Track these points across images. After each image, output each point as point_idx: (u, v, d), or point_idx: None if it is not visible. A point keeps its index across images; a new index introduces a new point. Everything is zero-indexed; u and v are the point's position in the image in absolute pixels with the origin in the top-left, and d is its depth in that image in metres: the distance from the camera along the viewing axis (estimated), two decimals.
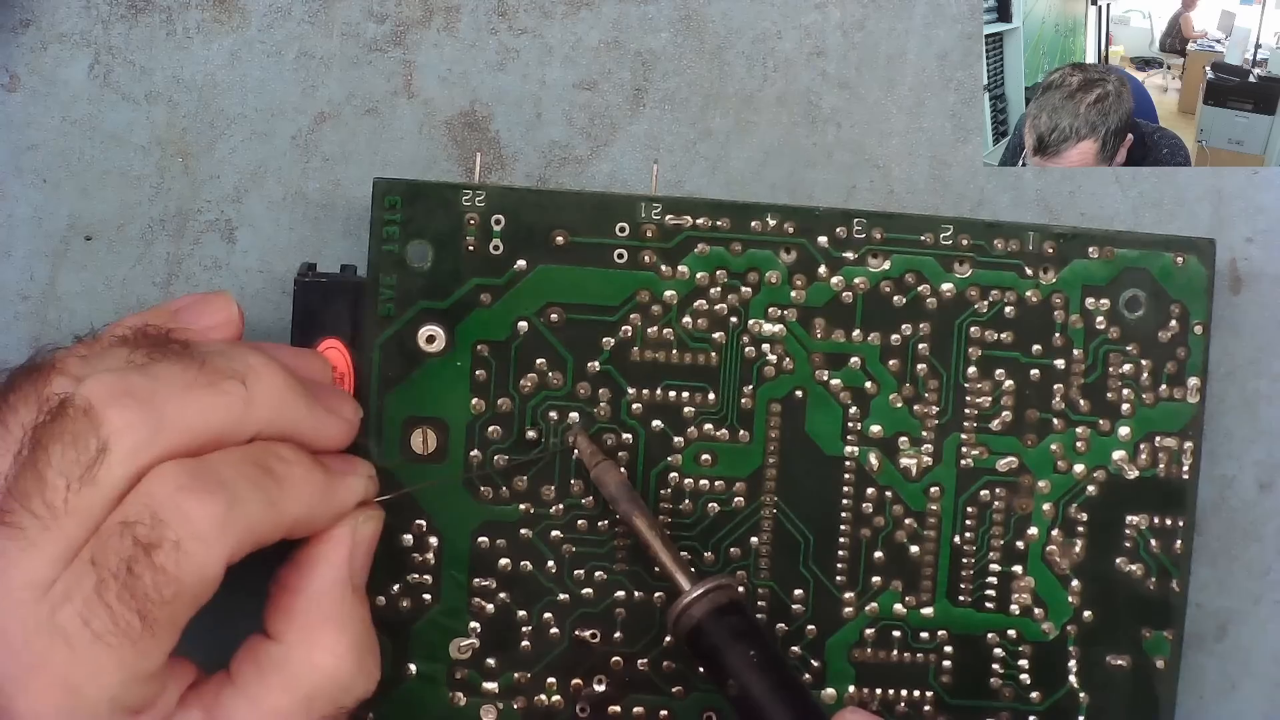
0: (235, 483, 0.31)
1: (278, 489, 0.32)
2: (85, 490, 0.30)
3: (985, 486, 0.37)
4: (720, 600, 0.34)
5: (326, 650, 0.33)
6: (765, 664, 0.34)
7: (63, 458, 0.30)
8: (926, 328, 0.37)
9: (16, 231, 0.39)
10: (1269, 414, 0.40)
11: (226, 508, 0.31)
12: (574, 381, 0.37)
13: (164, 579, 0.30)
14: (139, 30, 0.38)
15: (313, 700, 0.33)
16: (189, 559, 0.30)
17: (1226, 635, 0.40)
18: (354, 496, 0.34)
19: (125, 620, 0.30)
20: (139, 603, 0.30)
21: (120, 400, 0.31)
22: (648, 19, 0.39)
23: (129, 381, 0.31)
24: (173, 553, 0.30)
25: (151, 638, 0.30)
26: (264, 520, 0.32)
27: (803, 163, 0.39)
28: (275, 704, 0.32)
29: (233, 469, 0.32)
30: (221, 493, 0.31)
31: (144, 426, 0.31)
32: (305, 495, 0.33)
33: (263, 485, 0.32)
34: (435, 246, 0.36)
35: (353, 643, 0.33)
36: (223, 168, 0.39)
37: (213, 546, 0.31)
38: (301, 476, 0.33)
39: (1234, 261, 0.39)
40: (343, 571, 0.34)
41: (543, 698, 0.37)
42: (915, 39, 0.39)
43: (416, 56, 0.39)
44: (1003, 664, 0.38)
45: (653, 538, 0.35)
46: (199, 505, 0.30)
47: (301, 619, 0.33)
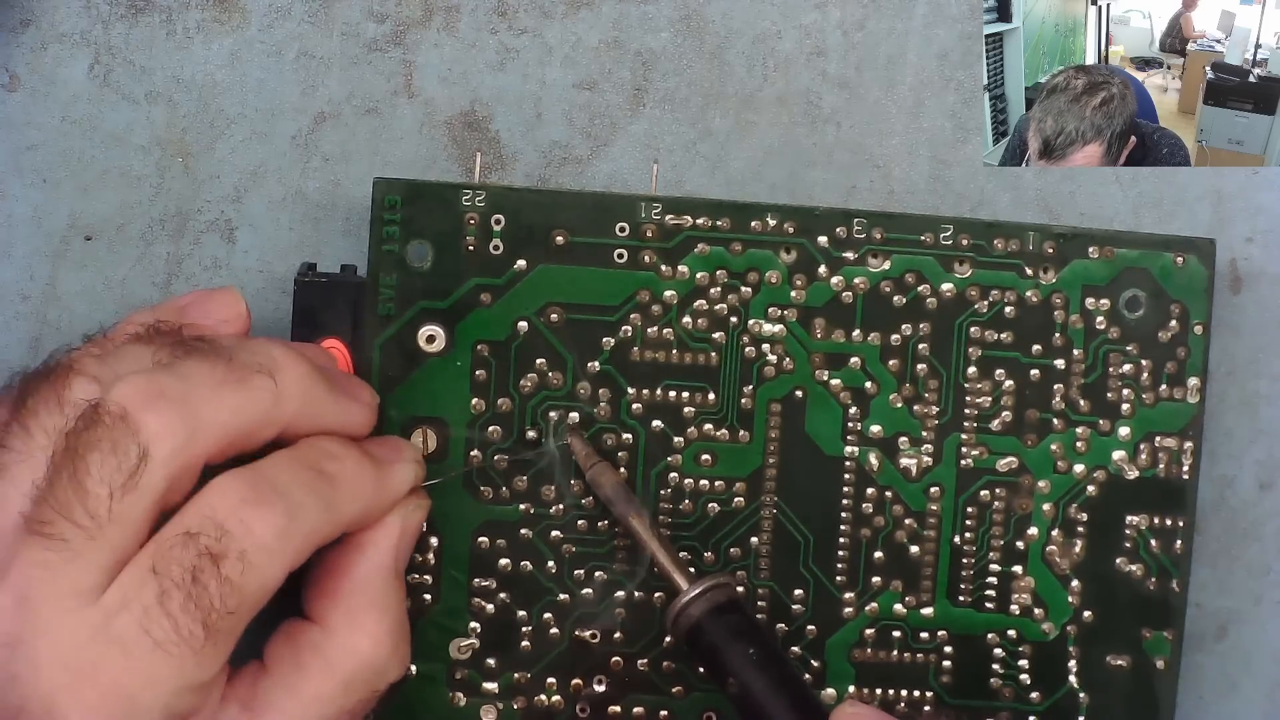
0: (293, 490, 0.31)
1: (333, 491, 0.32)
2: (128, 498, 0.30)
3: (985, 486, 0.37)
4: (719, 599, 0.34)
5: (368, 634, 0.33)
6: (764, 661, 0.34)
7: (103, 466, 0.30)
8: (926, 328, 0.37)
9: (16, 231, 0.39)
10: (1269, 414, 0.40)
11: (288, 519, 0.31)
12: (574, 381, 0.37)
13: (229, 589, 0.30)
14: (139, 30, 0.38)
15: (351, 684, 0.33)
16: (254, 570, 0.31)
17: (1226, 635, 0.40)
18: (405, 485, 0.35)
19: (189, 630, 0.30)
20: (204, 613, 0.30)
21: (155, 404, 0.31)
22: (648, 19, 0.39)
23: (161, 383, 0.31)
24: (238, 564, 0.30)
25: (213, 647, 0.30)
26: (323, 525, 0.32)
27: (803, 163, 0.39)
28: (314, 690, 0.33)
29: (289, 475, 0.32)
30: (281, 503, 0.31)
31: (182, 429, 0.31)
32: (360, 492, 0.33)
33: (319, 490, 0.32)
34: (435, 246, 0.36)
35: (391, 627, 0.34)
36: (223, 168, 0.39)
37: (276, 557, 0.31)
38: (354, 472, 0.33)
39: (1234, 261, 0.39)
40: (390, 558, 0.34)
41: (543, 698, 0.37)
42: (915, 39, 0.39)
43: (416, 56, 0.39)
44: (1003, 664, 0.38)
45: (650, 538, 0.35)
46: (261, 518, 0.31)
47: (346, 603, 0.33)
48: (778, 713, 0.33)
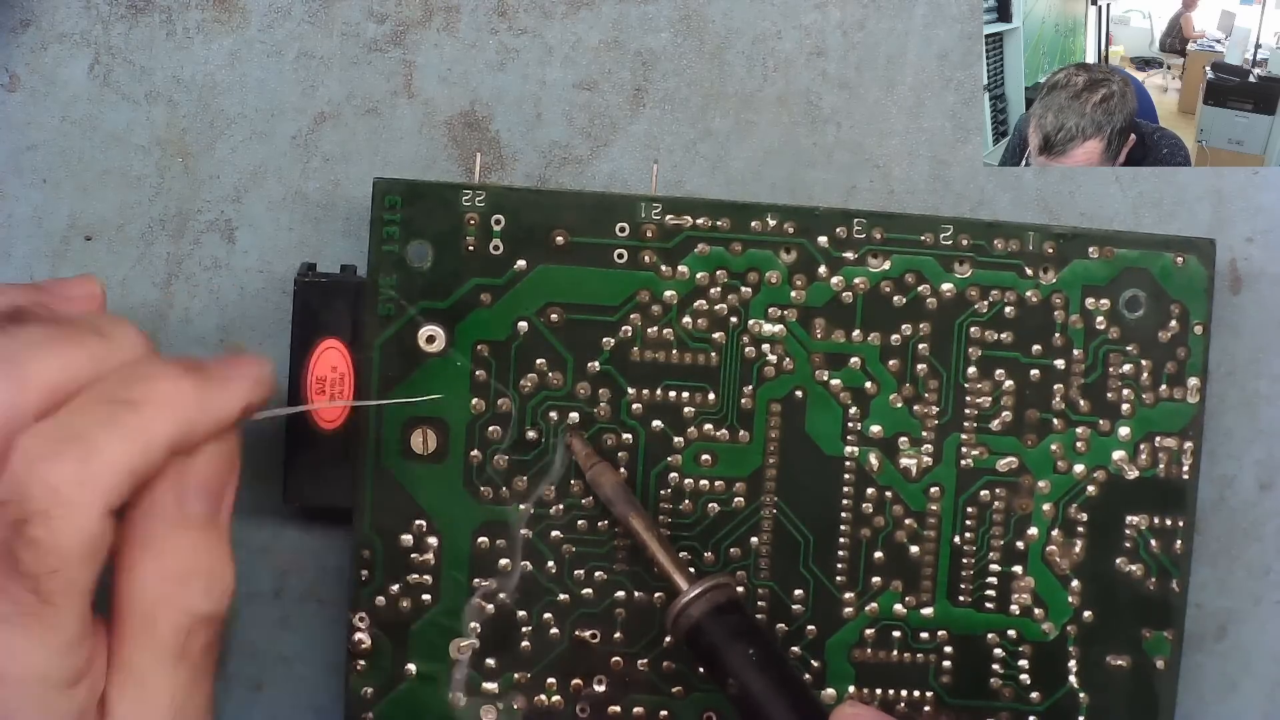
0: (90, 430, 0.30)
1: (137, 417, 0.31)
2: None
3: (985, 486, 0.37)
4: (719, 599, 0.34)
5: (147, 573, 0.32)
6: (764, 662, 0.34)
7: None
8: (926, 328, 0.37)
9: (16, 231, 0.38)
10: (1269, 414, 0.40)
11: (83, 462, 0.30)
12: (574, 381, 0.37)
13: (42, 550, 0.30)
14: (139, 30, 0.38)
15: (151, 620, 0.32)
16: (60, 524, 0.30)
17: (1226, 635, 0.40)
18: (237, 402, 0.32)
19: (23, 599, 0.30)
20: (29, 581, 0.30)
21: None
22: (648, 19, 0.39)
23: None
24: (42, 523, 0.30)
25: (55, 610, 0.30)
26: (129, 456, 0.31)
27: (803, 163, 0.39)
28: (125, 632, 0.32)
29: (85, 414, 0.31)
30: (75, 448, 0.30)
31: (6, 385, 0.30)
32: (172, 415, 0.31)
33: (119, 420, 0.31)
34: (435, 246, 0.36)
35: (179, 566, 0.32)
36: (223, 168, 0.39)
37: (80, 506, 0.30)
38: (167, 392, 0.31)
39: (1234, 261, 0.39)
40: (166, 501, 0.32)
41: (543, 698, 0.37)
42: (915, 39, 0.39)
43: (416, 56, 0.39)
44: (1003, 664, 0.38)
45: (650, 539, 0.35)
46: (56, 470, 0.30)
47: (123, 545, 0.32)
48: (777, 713, 0.33)
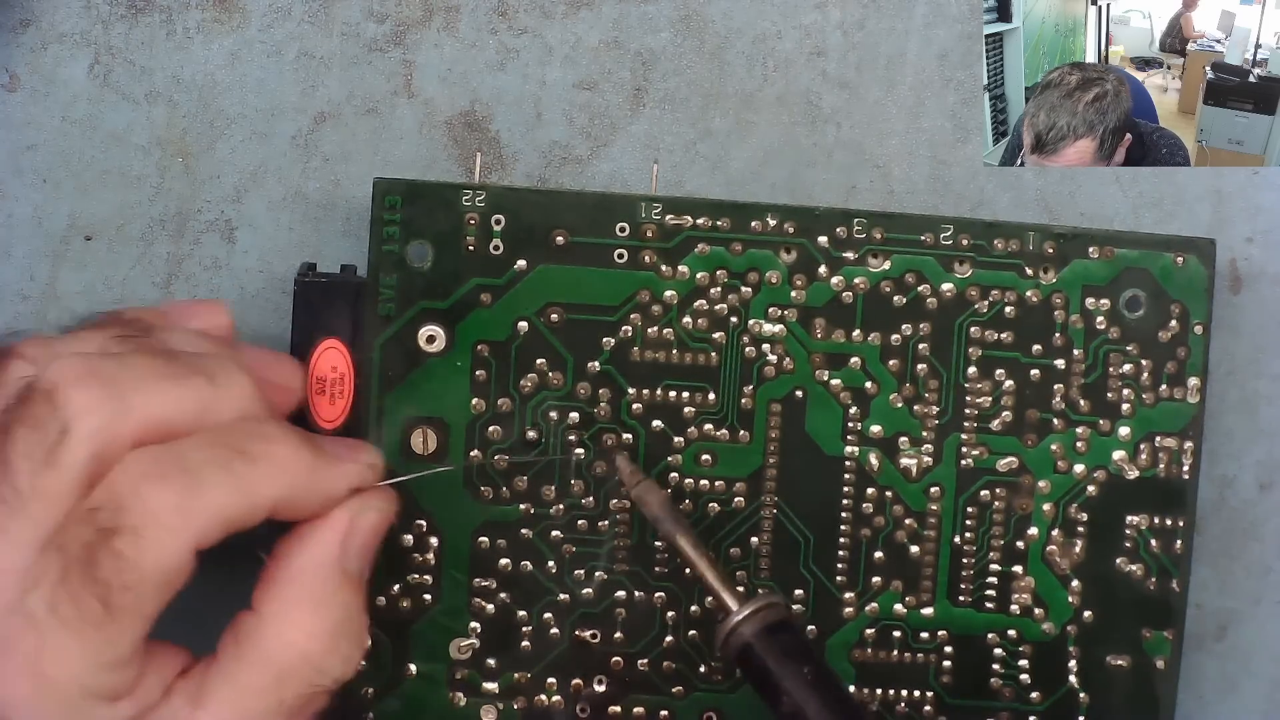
0: (201, 467, 0.31)
1: (250, 471, 0.31)
2: (48, 473, 0.30)
3: (985, 486, 0.37)
4: (770, 619, 0.34)
5: (301, 628, 0.32)
6: (820, 682, 0.34)
7: (26, 440, 0.30)
8: (926, 328, 0.37)
9: (16, 231, 0.39)
10: (1269, 414, 0.40)
11: (187, 494, 0.30)
12: (574, 381, 0.37)
13: (124, 565, 0.30)
14: (139, 30, 0.38)
15: (284, 679, 0.32)
16: (148, 545, 0.30)
17: (1226, 635, 0.40)
18: (345, 482, 0.34)
19: (89, 606, 0.30)
20: (101, 589, 0.30)
21: (83, 382, 0.30)
22: (648, 19, 0.39)
23: (93, 364, 0.31)
24: (132, 539, 0.30)
25: (115, 624, 0.30)
26: (234, 505, 0.31)
27: (803, 163, 0.39)
28: (249, 680, 0.32)
29: (202, 452, 0.31)
30: (182, 478, 0.30)
31: (106, 408, 0.30)
32: (284, 478, 0.32)
33: (233, 468, 0.31)
34: (435, 246, 0.36)
35: (331, 626, 0.33)
36: (223, 168, 0.39)
37: (172, 533, 0.30)
38: (285, 457, 0.32)
39: (1234, 261, 0.39)
40: (332, 553, 0.33)
41: (543, 698, 0.37)
42: (915, 39, 0.39)
43: (416, 56, 0.39)
44: (1003, 664, 0.38)
45: (698, 557, 0.35)
46: (158, 492, 0.30)
47: (281, 594, 0.33)
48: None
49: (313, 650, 0.32)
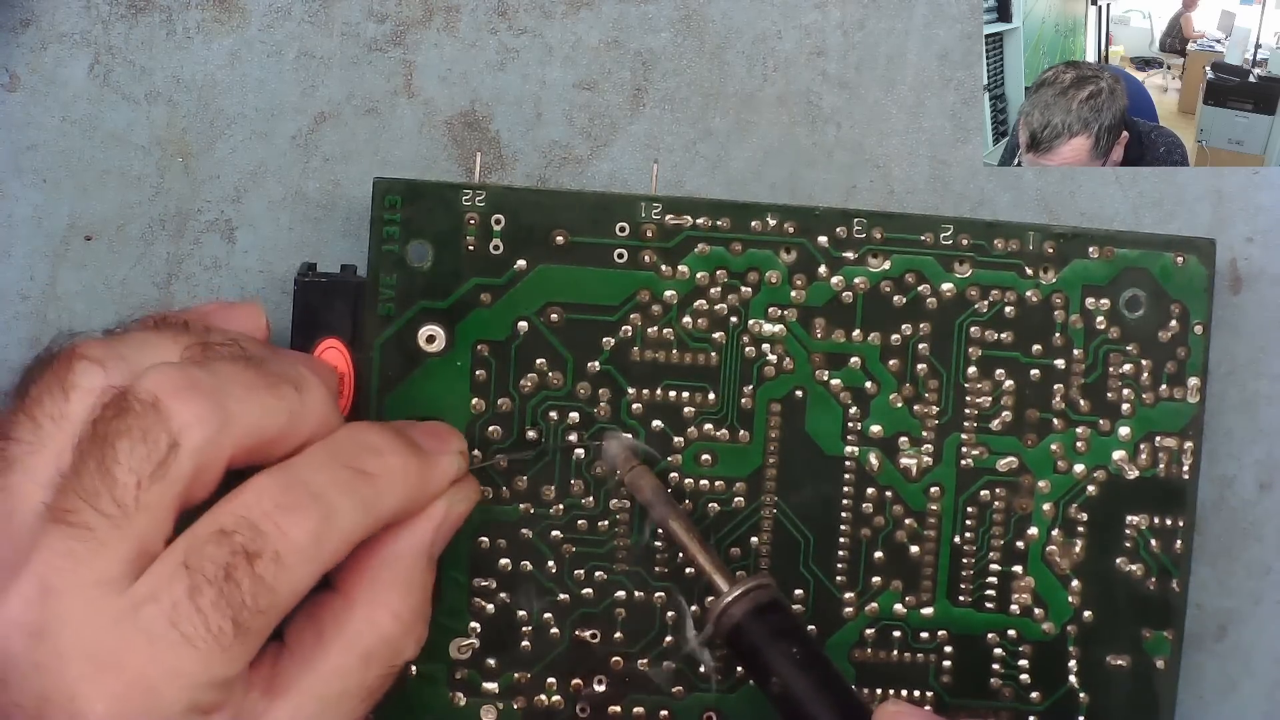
0: (329, 492, 0.31)
1: (372, 490, 0.32)
2: (156, 487, 0.30)
3: (985, 486, 0.37)
4: (761, 599, 0.34)
5: (390, 610, 0.33)
6: (808, 661, 0.34)
7: (132, 454, 0.30)
8: (926, 328, 0.37)
9: (16, 231, 0.38)
10: (1269, 414, 0.40)
11: (323, 523, 0.31)
12: (574, 381, 0.37)
13: (262, 588, 0.30)
14: (139, 30, 0.38)
15: (370, 659, 0.33)
16: (287, 571, 0.30)
17: (1226, 635, 0.40)
18: (448, 477, 0.34)
19: (218, 625, 0.30)
20: (234, 610, 0.30)
21: (187, 394, 0.30)
22: (648, 19, 0.39)
23: (192, 375, 0.31)
24: (272, 564, 0.30)
25: (240, 644, 0.30)
26: (360, 526, 0.32)
27: (803, 163, 0.39)
28: (334, 664, 0.32)
29: (326, 475, 0.32)
30: (317, 508, 0.31)
31: (212, 421, 0.31)
32: (401, 489, 0.33)
33: (356, 490, 0.32)
34: (435, 246, 0.36)
35: (415, 607, 0.33)
36: (223, 168, 0.39)
37: (309, 560, 0.31)
38: (395, 467, 0.33)
39: (1234, 261, 0.39)
40: (426, 540, 0.34)
41: (543, 698, 0.37)
42: (915, 39, 0.39)
43: (416, 56, 0.39)
44: (1003, 664, 0.38)
45: (690, 540, 0.35)
46: (297, 524, 0.31)
47: (373, 577, 0.33)
48: (821, 711, 0.33)
49: (396, 633, 0.33)
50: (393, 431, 0.34)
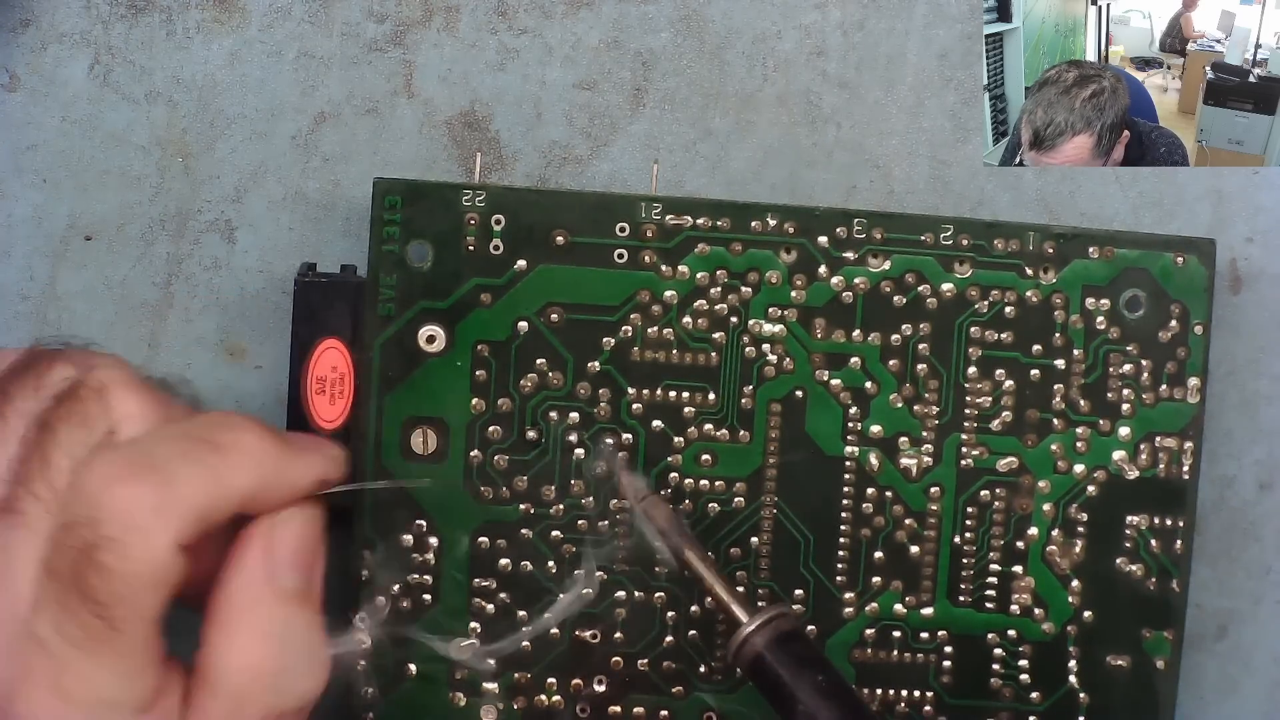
0: (171, 461, 0.30)
1: (220, 460, 0.31)
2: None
3: (985, 486, 0.37)
4: (782, 628, 0.34)
5: (243, 653, 0.31)
6: (834, 690, 0.33)
7: (71, 438, 0.30)
8: (926, 328, 0.37)
9: (16, 231, 0.38)
10: (1269, 414, 0.40)
11: (163, 490, 0.30)
12: (574, 381, 0.37)
13: (111, 577, 0.29)
14: (139, 30, 0.38)
15: (242, 704, 0.31)
16: (132, 552, 0.29)
17: (1226, 635, 0.40)
18: (311, 474, 0.33)
19: (90, 624, 0.29)
20: (96, 606, 0.29)
21: (135, 386, 0.31)
22: (648, 19, 0.39)
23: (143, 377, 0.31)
24: (113, 549, 0.29)
25: (120, 635, 0.30)
26: (207, 495, 0.31)
27: (803, 163, 0.39)
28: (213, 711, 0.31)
29: (170, 445, 0.31)
30: (154, 475, 0.30)
31: (153, 415, 0.31)
32: (254, 467, 0.32)
33: (202, 458, 0.31)
34: (435, 246, 0.36)
35: (277, 645, 0.32)
36: (223, 168, 0.39)
37: (153, 534, 0.30)
38: (251, 445, 0.32)
39: (1234, 261, 0.39)
40: (256, 572, 0.32)
41: (543, 698, 0.37)
42: (915, 39, 0.39)
43: (416, 56, 0.39)
44: (1003, 664, 0.38)
45: (706, 571, 0.35)
46: (133, 494, 0.30)
47: (218, 619, 0.32)
48: None
49: (264, 671, 0.31)
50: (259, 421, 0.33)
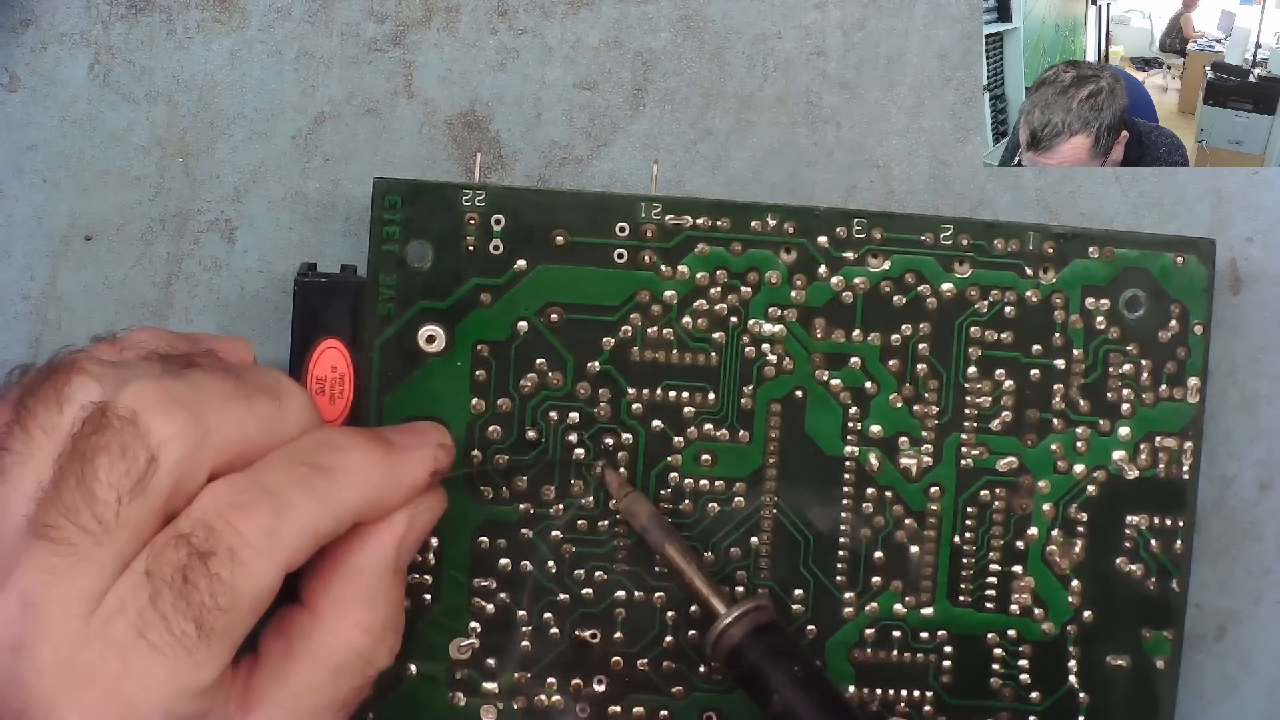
0: (284, 488, 0.31)
1: (330, 484, 0.32)
2: (135, 502, 0.30)
3: (985, 486, 0.37)
4: (760, 620, 0.34)
5: (357, 624, 0.33)
6: (809, 679, 0.34)
7: (111, 470, 0.30)
8: (926, 328, 0.37)
9: (16, 231, 0.38)
10: (1269, 414, 0.40)
11: (275, 516, 0.31)
12: (574, 381, 0.37)
13: (220, 587, 0.30)
14: (139, 30, 0.38)
15: (340, 673, 0.33)
16: (244, 568, 0.30)
17: (1226, 635, 0.40)
18: (423, 471, 0.34)
19: (181, 629, 0.30)
20: (195, 611, 0.30)
21: (165, 408, 0.30)
22: (648, 19, 0.39)
23: (170, 388, 0.31)
24: (228, 561, 0.30)
25: (207, 647, 0.30)
26: (320, 519, 0.32)
27: (803, 163, 0.39)
28: (305, 679, 0.32)
29: (281, 473, 0.31)
30: (269, 502, 0.31)
31: (190, 435, 0.31)
32: (364, 482, 0.32)
33: (312, 484, 0.32)
34: (435, 246, 0.36)
35: (383, 620, 0.33)
36: (223, 168, 0.39)
37: (266, 556, 0.31)
38: (359, 462, 0.32)
39: (1234, 261, 0.39)
40: (390, 553, 0.33)
41: (543, 698, 0.37)
42: (915, 39, 0.39)
43: (416, 56, 0.39)
44: (1003, 664, 0.38)
45: (686, 565, 0.36)
46: (249, 519, 0.30)
47: (338, 591, 0.33)
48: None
49: (366, 645, 0.33)
50: (362, 431, 0.34)
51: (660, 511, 0.36)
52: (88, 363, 0.32)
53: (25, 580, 0.30)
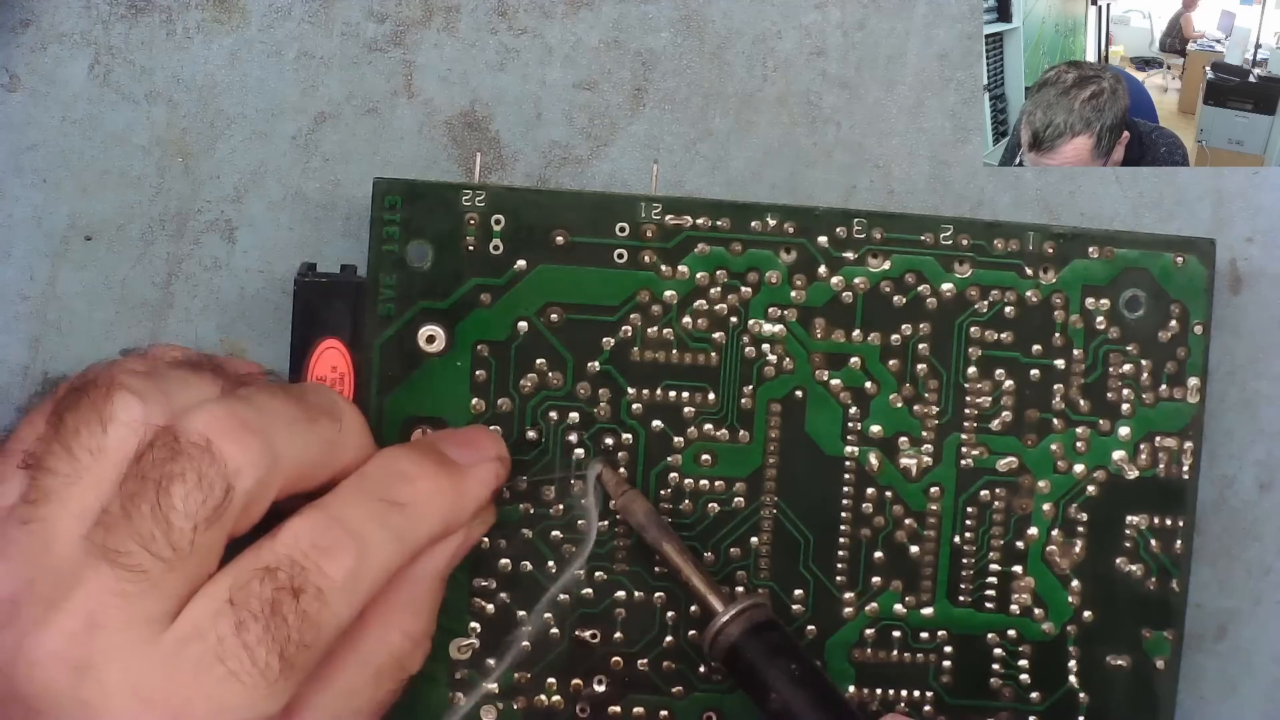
0: (365, 529, 0.32)
1: (405, 520, 0.32)
2: (211, 530, 0.30)
3: (985, 486, 0.37)
4: (757, 618, 0.35)
5: (402, 632, 0.33)
6: (806, 677, 0.34)
7: (188, 500, 0.30)
8: (926, 328, 0.37)
9: (16, 231, 0.38)
10: (1269, 414, 0.40)
11: (360, 559, 0.31)
12: (574, 381, 0.37)
13: (307, 624, 0.30)
14: (139, 30, 0.38)
15: (381, 676, 0.33)
16: (329, 607, 0.31)
17: (1226, 635, 0.40)
18: (486, 490, 0.35)
19: (265, 661, 0.30)
20: (281, 645, 0.30)
21: (238, 436, 0.31)
22: (648, 19, 0.39)
23: (239, 413, 0.31)
24: (315, 600, 0.31)
25: (285, 680, 0.30)
26: (397, 556, 0.32)
27: (803, 163, 0.39)
28: (348, 681, 0.33)
29: (360, 511, 0.32)
30: (353, 545, 0.31)
31: (263, 461, 0.31)
32: (435, 513, 0.33)
33: (390, 523, 0.32)
34: (435, 246, 0.36)
35: (424, 628, 0.34)
36: (223, 168, 0.39)
37: (350, 595, 0.31)
38: (428, 492, 0.33)
39: (1234, 261, 0.39)
40: (442, 567, 0.34)
41: (543, 698, 0.37)
42: (915, 39, 0.39)
43: (416, 56, 0.39)
44: (1003, 664, 0.38)
45: (684, 563, 0.36)
46: (335, 562, 0.31)
47: (387, 599, 0.33)
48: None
49: (406, 650, 0.34)
50: (423, 452, 0.34)
51: (657, 510, 0.36)
52: (126, 379, 0.32)
53: (91, 602, 0.30)
